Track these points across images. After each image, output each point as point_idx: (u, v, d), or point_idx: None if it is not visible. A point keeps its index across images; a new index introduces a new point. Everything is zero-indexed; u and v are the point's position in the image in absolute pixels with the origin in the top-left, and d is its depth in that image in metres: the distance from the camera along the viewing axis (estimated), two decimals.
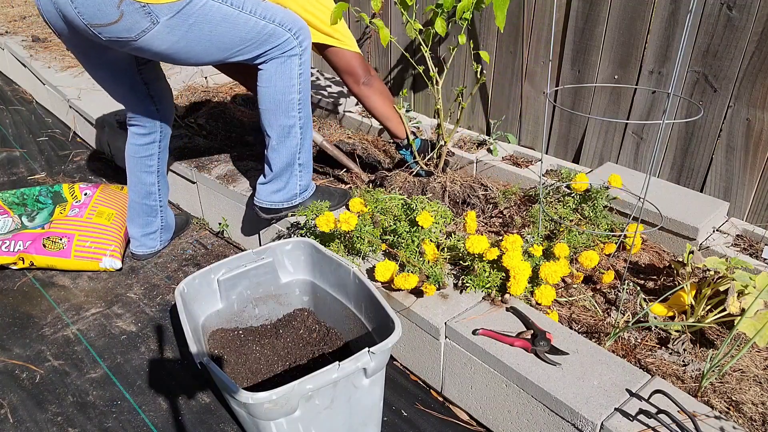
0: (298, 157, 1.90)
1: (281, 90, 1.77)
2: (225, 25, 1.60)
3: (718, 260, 1.57)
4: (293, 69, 1.75)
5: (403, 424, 1.62)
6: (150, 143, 2.10)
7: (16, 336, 1.95)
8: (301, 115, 1.83)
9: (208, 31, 1.58)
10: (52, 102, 3.66)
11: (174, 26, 1.53)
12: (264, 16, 1.66)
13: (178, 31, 1.54)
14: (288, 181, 1.93)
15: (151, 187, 2.17)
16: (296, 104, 1.80)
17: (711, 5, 1.88)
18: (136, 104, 1.99)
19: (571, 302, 1.72)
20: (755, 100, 1.88)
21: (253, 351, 1.72)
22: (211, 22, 1.57)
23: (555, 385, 1.37)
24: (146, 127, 2.07)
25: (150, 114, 2.04)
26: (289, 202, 1.96)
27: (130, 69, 1.89)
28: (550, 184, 2.11)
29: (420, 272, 1.69)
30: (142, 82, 1.94)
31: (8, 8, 5.16)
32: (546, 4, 2.29)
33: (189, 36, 1.57)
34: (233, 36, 1.63)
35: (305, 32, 1.77)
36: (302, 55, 1.76)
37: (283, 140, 1.85)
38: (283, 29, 1.71)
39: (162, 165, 2.17)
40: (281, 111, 1.79)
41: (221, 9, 1.58)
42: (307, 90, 1.83)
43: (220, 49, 1.65)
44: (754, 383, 1.44)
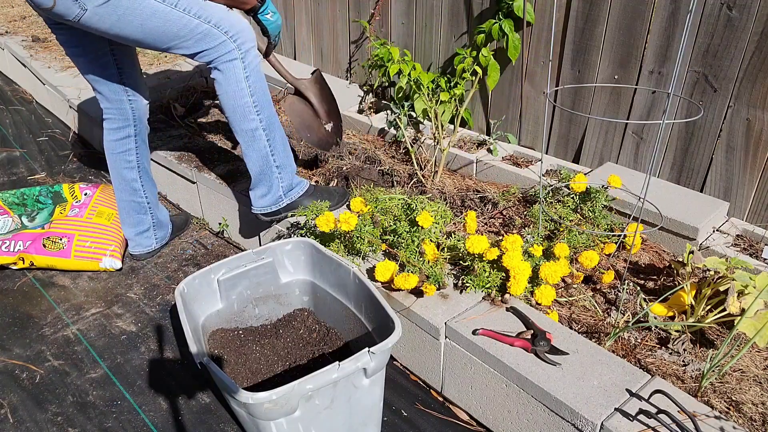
0: (273, 160, 1.90)
1: (232, 95, 1.78)
2: (155, 20, 1.64)
3: (718, 260, 1.57)
4: (238, 73, 1.76)
5: (403, 424, 1.62)
6: (125, 137, 2.09)
7: (16, 336, 1.95)
8: (261, 117, 1.84)
9: (139, 24, 1.64)
10: (52, 102, 3.66)
11: (103, 15, 1.60)
12: (199, 16, 1.69)
13: (108, 19, 1.61)
14: (270, 184, 1.94)
15: (134, 183, 2.16)
16: (252, 107, 1.81)
17: (711, 5, 1.88)
18: (108, 90, 2.00)
19: (571, 302, 1.72)
20: (755, 100, 1.88)
21: (253, 351, 1.72)
22: (140, 16, 1.62)
23: (555, 385, 1.37)
24: (120, 121, 2.06)
25: (122, 104, 2.03)
26: (277, 205, 1.98)
27: (104, 50, 1.90)
28: (550, 185, 2.11)
29: (420, 272, 1.69)
30: (114, 63, 1.94)
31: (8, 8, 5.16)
32: (546, 4, 2.29)
33: (120, 25, 1.63)
34: (164, 31, 1.67)
35: (245, 35, 1.76)
36: (244, 58, 1.76)
37: (250, 144, 1.86)
38: (218, 31, 1.71)
39: (142, 160, 2.16)
40: (239, 115, 1.81)
41: (151, 5, 1.62)
42: (261, 92, 1.82)
43: (155, 40, 1.70)
44: (754, 383, 1.44)
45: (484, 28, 2.41)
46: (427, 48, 2.79)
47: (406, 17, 2.82)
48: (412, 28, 2.81)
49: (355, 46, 3.17)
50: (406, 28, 2.84)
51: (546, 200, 2.02)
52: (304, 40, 3.48)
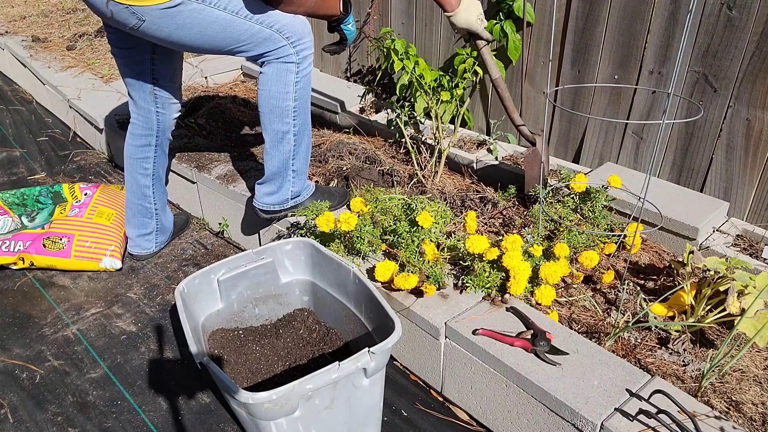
0: (292, 164, 1.92)
1: (276, 95, 1.79)
2: (215, 27, 1.65)
3: (718, 260, 1.57)
4: (289, 76, 1.78)
5: (403, 424, 1.62)
6: (146, 145, 2.10)
7: (16, 336, 1.95)
8: (295, 123, 1.85)
9: (198, 31, 1.65)
10: (52, 102, 3.66)
11: (161, 24, 1.62)
12: (261, 22, 1.70)
13: (167, 28, 1.63)
14: (281, 185, 1.94)
15: (146, 189, 2.17)
16: (291, 111, 1.82)
17: (711, 5, 1.88)
18: (139, 97, 2.01)
19: (571, 302, 1.72)
20: (755, 100, 1.88)
21: (253, 351, 1.72)
22: (200, 24, 1.64)
23: (555, 385, 1.37)
24: (144, 128, 2.07)
25: (149, 114, 2.04)
26: (280, 206, 1.99)
27: (145, 58, 1.92)
28: (550, 185, 2.11)
29: (420, 272, 1.69)
30: (150, 73, 1.95)
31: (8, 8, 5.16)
32: (546, 4, 2.29)
33: (179, 33, 1.65)
34: (225, 37, 1.69)
35: (305, 43, 1.78)
36: (300, 64, 1.78)
37: (276, 145, 1.87)
38: (280, 36, 1.73)
39: (158, 169, 2.18)
40: (275, 116, 1.82)
41: (212, 13, 1.63)
42: (304, 99, 1.84)
43: (213, 47, 1.72)
44: (754, 383, 1.44)
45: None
46: (427, 47, 2.79)
47: (406, 17, 2.82)
48: (412, 27, 2.81)
49: (355, 47, 3.17)
50: (407, 28, 2.84)
51: (546, 200, 2.02)
52: None
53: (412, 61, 2.58)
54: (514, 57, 2.38)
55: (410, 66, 2.57)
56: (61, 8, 5.07)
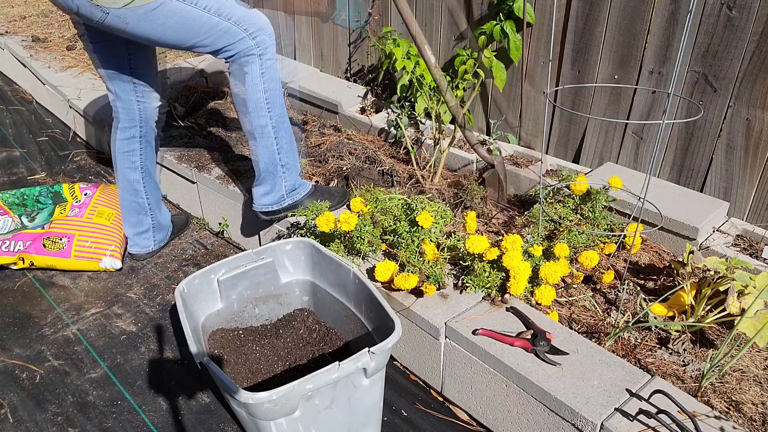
0: (279, 158, 1.92)
1: (245, 90, 1.81)
2: (176, 18, 1.67)
3: (718, 260, 1.57)
4: (254, 68, 1.79)
5: (403, 424, 1.62)
6: (130, 138, 2.11)
7: (16, 336, 1.95)
8: (271, 115, 1.86)
9: (161, 23, 1.67)
10: (52, 102, 3.66)
11: (125, 17, 1.64)
12: (219, 14, 1.71)
13: (131, 21, 1.65)
14: (274, 183, 1.95)
15: (136, 184, 2.18)
16: (264, 103, 1.84)
17: (711, 5, 1.88)
18: (119, 88, 2.02)
19: (571, 302, 1.72)
20: (755, 100, 1.88)
21: (253, 351, 1.72)
22: (162, 16, 1.66)
23: (555, 385, 1.37)
24: (127, 120, 2.08)
25: (130, 105, 2.05)
26: (278, 204, 1.99)
27: (120, 49, 1.93)
28: (550, 185, 2.11)
29: (420, 272, 1.69)
30: (128, 63, 1.96)
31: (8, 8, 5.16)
32: (546, 4, 2.29)
33: (142, 25, 1.67)
34: (186, 29, 1.70)
35: (264, 33, 1.79)
36: (262, 55, 1.79)
37: (259, 140, 1.89)
38: (238, 28, 1.74)
39: (146, 162, 2.18)
40: (250, 111, 1.84)
41: (172, 4, 1.65)
42: (274, 90, 1.85)
43: (176, 40, 1.73)
44: (754, 383, 1.44)
45: (486, 29, 2.41)
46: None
47: None
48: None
49: (355, 47, 3.17)
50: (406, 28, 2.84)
51: (546, 200, 2.02)
52: (304, 40, 3.48)
53: (413, 61, 2.58)
54: (516, 57, 2.38)
55: (411, 66, 2.57)
56: None
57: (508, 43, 2.37)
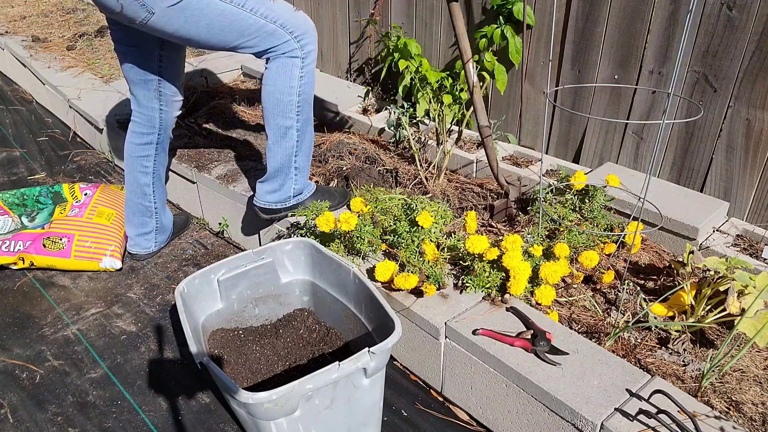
0: (294, 160, 1.92)
1: (280, 90, 1.81)
2: (222, 20, 1.68)
3: (718, 260, 1.57)
4: (294, 71, 1.80)
5: (403, 424, 1.62)
6: (147, 144, 2.11)
7: (16, 336, 1.95)
8: (299, 118, 1.86)
9: (205, 24, 1.67)
10: (52, 102, 3.66)
11: (170, 16, 1.63)
12: (266, 16, 1.72)
13: (176, 21, 1.65)
14: (283, 182, 1.95)
15: (146, 188, 2.18)
16: (294, 106, 1.84)
17: (711, 5, 1.88)
18: (143, 95, 2.02)
19: (571, 302, 1.72)
20: (755, 100, 1.88)
21: (253, 351, 1.72)
22: (207, 17, 1.66)
23: (555, 385, 1.37)
24: (146, 127, 2.08)
25: (152, 112, 2.05)
26: (282, 204, 1.99)
27: (152, 55, 1.93)
28: (550, 185, 2.11)
29: (420, 272, 1.69)
30: (158, 71, 1.96)
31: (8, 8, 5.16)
32: (546, 4, 2.29)
33: (187, 26, 1.67)
34: (231, 31, 1.71)
35: (309, 37, 1.80)
36: (304, 59, 1.81)
37: (279, 140, 1.88)
38: (284, 31, 1.75)
39: (158, 167, 2.18)
40: (279, 111, 1.84)
41: (219, 6, 1.65)
42: (307, 94, 1.86)
43: (221, 40, 1.73)
44: (754, 383, 1.44)
45: (486, 32, 2.41)
46: (428, 47, 2.79)
47: (406, 17, 2.82)
48: (412, 27, 2.81)
49: (356, 47, 3.17)
50: (406, 28, 2.84)
51: (546, 200, 2.02)
52: None
53: (417, 61, 2.58)
54: (516, 60, 2.38)
55: (414, 66, 2.57)
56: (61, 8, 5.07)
57: (508, 46, 2.38)
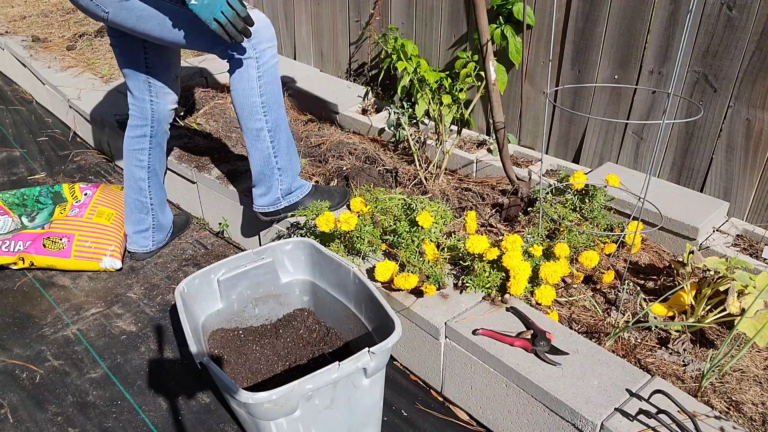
0: (276, 162, 1.92)
1: (242, 93, 1.81)
2: (171, 20, 1.70)
3: (718, 260, 1.57)
4: (250, 72, 1.79)
5: (403, 424, 1.62)
6: (141, 136, 2.12)
7: (16, 336, 1.95)
8: (267, 119, 1.86)
9: (157, 23, 1.70)
10: (52, 102, 3.66)
11: (123, 16, 1.69)
12: None
13: (129, 19, 1.70)
14: (270, 185, 1.96)
15: (141, 182, 2.19)
16: (260, 107, 1.83)
17: (711, 5, 1.88)
18: (135, 87, 2.04)
19: (571, 302, 1.72)
20: (755, 100, 1.88)
21: (253, 351, 1.72)
22: (156, 17, 1.69)
23: (555, 385, 1.37)
24: (139, 118, 2.10)
25: (144, 103, 2.07)
26: (274, 206, 1.99)
27: (137, 48, 1.96)
28: (550, 185, 2.11)
29: (420, 272, 1.69)
30: (144, 62, 1.98)
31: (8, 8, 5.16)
32: (546, 3, 2.29)
33: (141, 24, 1.70)
34: (182, 30, 1.72)
35: (261, 35, 1.76)
36: (259, 59, 1.78)
37: (254, 143, 1.89)
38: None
39: (154, 162, 2.19)
40: (246, 114, 1.84)
41: (165, 6, 1.67)
42: (272, 94, 1.84)
43: (174, 40, 1.75)
44: (754, 383, 1.44)
45: None
46: (428, 47, 2.79)
47: (406, 17, 2.82)
48: (412, 27, 2.81)
49: (355, 47, 3.17)
50: (407, 28, 2.84)
51: (546, 200, 2.02)
52: (304, 40, 3.48)
53: (414, 62, 2.58)
54: (516, 60, 2.38)
55: (411, 68, 2.57)
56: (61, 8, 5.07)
57: (508, 46, 2.38)
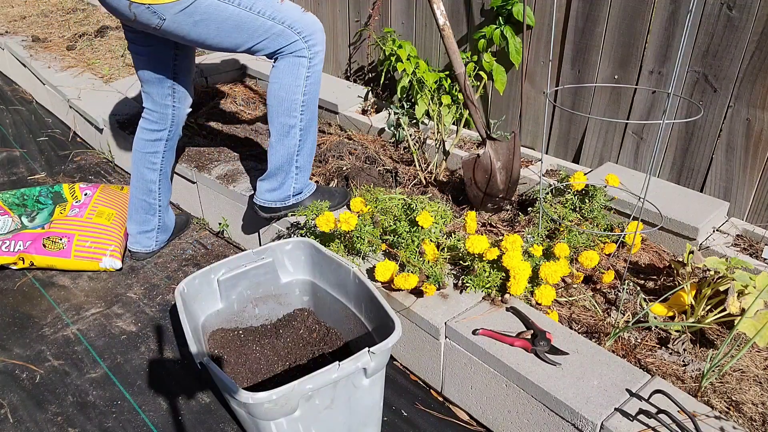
0: (296, 159, 1.93)
1: (286, 88, 1.82)
2: (230, 23, 1.71)
3: (718, 260, 1.57)
4: (300, 70, 1.81)
5: (403, 424, 1.62)
6: (157, 140, 2.12)
7: (16, 336, 1.95)
8: (302, 118, 1.87)
9: (215, 27, 1.71)
10: (52, 102, 3.66)
11: (180, 22, 1.67)
12: (273, 18, 1.74)
13: (186, 26, 1.69)
14: (283, 181, 1.95)
15: (152, 184, 2.18)
16: (299, 105, 1.85)
17: (711, 5, 1.88)
18: (157, 93, 2.04)
19: (571, 302, 1.72)
20: (755, 100, 1.88)
21: (253, 351, 1.72)
22: (216, 20, 1.69)
23: (555, 385, 1.37)
24: (157, 123, 2.10)
25: (165, 109, 2.07)
26: (282, 203, 1.99)
27: (167, 55, 1.96)
28: (550, 185, 2.11)
29: (420, 272, 1.69)
30: (172, 69, 2.00)
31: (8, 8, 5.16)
32: (546, 4, 2.29)
33: (197, 30, 1.70)
34: (241, 33, 1.74)
35: (317, 38, 1.82)
36: (312, 59, 1.82)
37: (282, 139, 1.89)
38: (292, 32, 1.77)
39: (166, 165, 2.19)
40: (284, 109, 1.85)
41: (227, 9, 1.68)
42: (313, 95, 1.87)
43: (231, 43, 1.76)
44: (754, 383, 1.44)
45: (485, 32, 2.41)
46: (428, 47, 2.79)
47: (406, 17, 2.82)
48: (412, 27, 2.81)
49: (355, 47, 3.17)
50: (406, 28, 2.84)
51: (546, 200, 2.02)
52: None
53: (413, 63, 2.58)
54: (516, 61, 2.38)
55: (410, 69, 2.57)
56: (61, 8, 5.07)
57: (507, 47, 2.38)
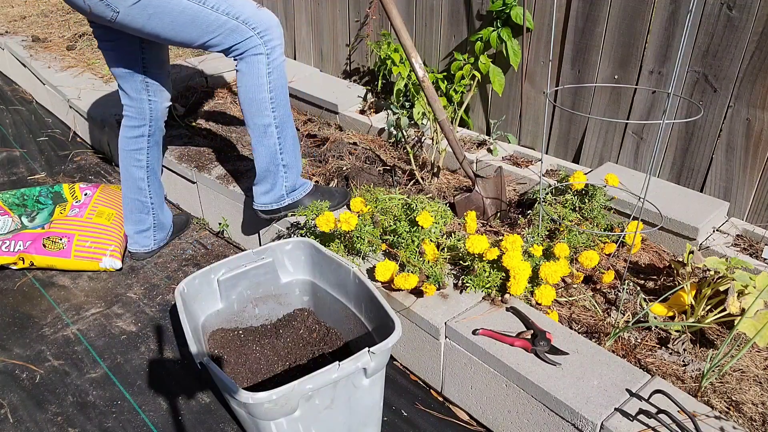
0: (281, 158, 1.93)
1: (251, 89, 1.82)
2: (184, 17, 1.70)
3: (718, 260, 1.57)
4: (260, 68, 1.80)
5: (403, 424, 1.62)
6: (138, 137, 2.12)
7: (16, 336, 1.95)
8: (275, 115, 1.87)
9: (169, 21, 1.70)
10: (52, 102, 3.66)
11: (134, 15, 1.68)
12: (227, 13, 1.73)
13: (140, 19, 1.69)
14: (274, 182, 1.96)
15: (140, 182, 2.18)
16: (268, 103, 1.84)
17: (711, 5, 1.88)
18: (131, 88, 2.03)
19: (571, 302, 1.72)
20: (755, 100, 1.88)
21: (253, 351, 1.72)
22: (170, 14, 1.69)
23: (555, 385, 1.37)
24: (136, 119, 2.09)
25: (141, 104, 2.06)
26: (278, 203, 1.99)
27: (135, 49, 1.95)
28: (550, 185, 2.11)
29: (420, 272, 1.69)
30: (141, 62, 1.98)
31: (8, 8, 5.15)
32: (546, 3, 2.29)
33: (152, 23, 1.70)
34: (194, 28, 1.73)
35: (272, 33, 1.80)
36: (269, 54, 1.80)
37: (261, 140, 1.89)
38: (246, 27, 1.76)
39: (152, 161, 2.19)
40: (254, 110, 1.85)
41: (180, 3, 1.68)
42: (280, 89, 1.86)
43: (185, 38, 1.76)
44: (754, 383, 1.44)
45: (482, 35, 2.41)
46: (427, 47, 2.79)
47: (405, 17, 2.82)
48: (412, 27, 2.81)
49: (353, 48, 3.17)
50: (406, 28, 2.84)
51: (546, 200, 2.02)
52: (304, 40, 3.48)
53: (408, 66, 2.58)
54: (515, 63, 2.38)
55: (405, 72, 2.58)
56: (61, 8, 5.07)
57: (506, 49, 2.37)
